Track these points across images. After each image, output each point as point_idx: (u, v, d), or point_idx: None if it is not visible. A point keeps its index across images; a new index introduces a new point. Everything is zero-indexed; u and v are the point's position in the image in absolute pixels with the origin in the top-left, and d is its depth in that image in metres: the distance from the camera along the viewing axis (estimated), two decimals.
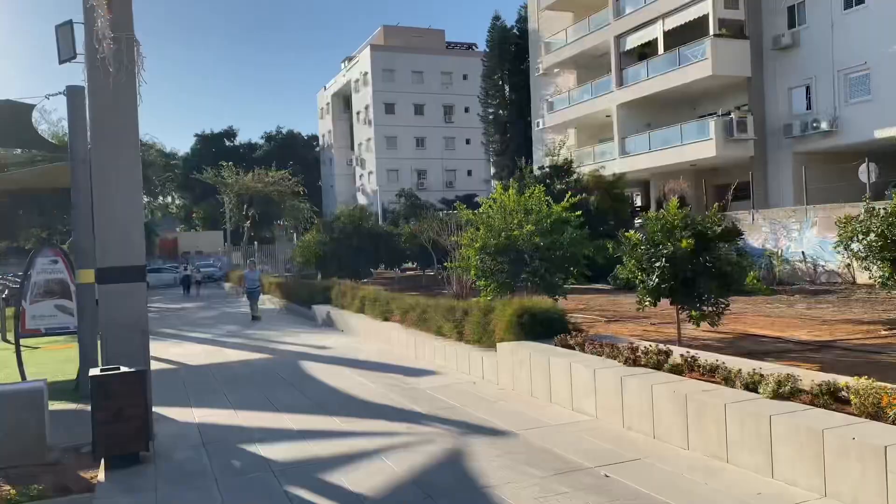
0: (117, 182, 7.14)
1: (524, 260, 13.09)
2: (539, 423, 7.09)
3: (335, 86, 79.09)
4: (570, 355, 7.95)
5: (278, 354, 13.20)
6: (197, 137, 79.15)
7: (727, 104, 31.61)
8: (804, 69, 28.48)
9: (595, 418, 7.09)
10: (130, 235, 7.23)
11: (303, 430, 7.41)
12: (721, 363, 6.74)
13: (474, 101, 65.67)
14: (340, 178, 77.61)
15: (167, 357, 13.63)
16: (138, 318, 7.29)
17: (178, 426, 7.92)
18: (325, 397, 9.01)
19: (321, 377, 10.53)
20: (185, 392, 9.95)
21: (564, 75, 42.91)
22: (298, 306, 20.98)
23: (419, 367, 10.96)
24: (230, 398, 9.30)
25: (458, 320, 11.04)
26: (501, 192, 14.40)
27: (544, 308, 9.36)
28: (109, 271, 7.13)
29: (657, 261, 9.73)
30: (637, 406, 6.51)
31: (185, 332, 18.10)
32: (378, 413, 7.94)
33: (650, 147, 33.56)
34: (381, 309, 14.60)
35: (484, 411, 7.71)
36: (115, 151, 7.14)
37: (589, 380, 7.19)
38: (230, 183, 42.31)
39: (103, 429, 6.23)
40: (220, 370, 11.78)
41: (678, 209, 10.05)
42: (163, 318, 23.15)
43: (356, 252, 27.05)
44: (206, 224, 72.52)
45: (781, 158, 29.69)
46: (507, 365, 8.86)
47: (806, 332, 11.91)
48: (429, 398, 8.56)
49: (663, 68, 32.72)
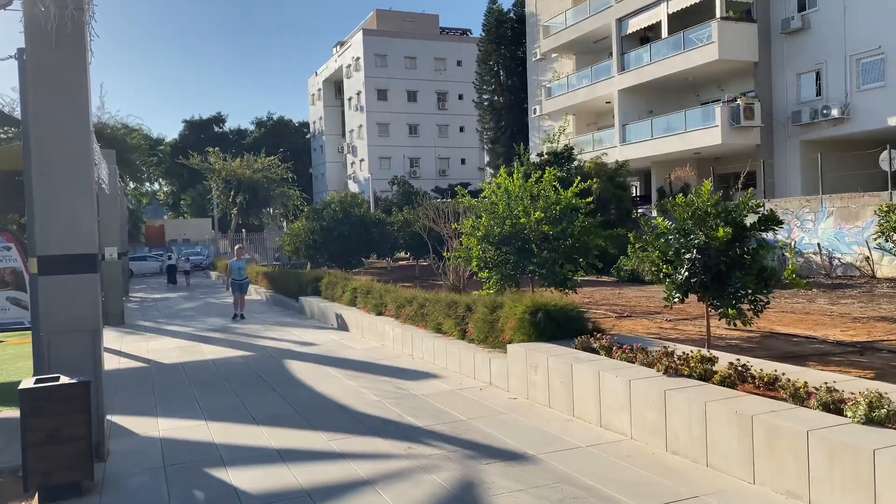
0: (62, 153, 5.96)
1: (531, 250, 11.98)
2: (562, 444, 5.99)
3: (326, 71, 77.59)
4: (595, 361, 6.85)
5: (261, 352, 12.05)
6: (185, 123, 77.68)
7: (732, 91, 30.57)
8: (814, 54, 27.42)
9: (629, 438, 5.99)
10: (78, 218, 6.05)
11: (283, 448, 6.27)
12: (780, 373, 5.66)
13: (468, 87, 64.45)
14: (331, 165, 76.29)
15: (139, 354, 12.47)
16: (88, 317, 6.13)
17: (139, 441, 6.78)
18: (311, 406, 7.88)
19: (307, 380, 9.39)
20: (152, 397, 8.80)
21: (562, 60, 41.75)
22: (286, 298, 19.81)
23: (417, 368, 9.84)
24: (202, 405, 8.16)
25: (461, 317, 9.92)
26: (506, 177, 13.29)
27: (561, 305, 8.24)
28: (52, 260, 5.96)
29: (687, 252, 8.64)
30: (685, 427, 5.42)
31: (164, 325, 16.92)
32: (372, 428, 6.81)
33: (652, 134, 32.49)
34: (374, 302, 13.47)
35: (495, 427, 6.60)
36: (59, 115, 5.96)
37: (622, 392, 6.09)
38: (217, 168, 40.92)
39: (35, 453, 5.08)
40: (196, 370, 10.62)
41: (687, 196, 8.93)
42: (143, 309, 21.93)
43: (347, 240, 25.86)
44: (194, 211, 71.08)
45: (789, 147, 28.68)
46: (519, 370, 7.76)
47: (839, 330, 10.88)
48: (430, 409, 7.44)
49: (667, 52, 31.61)
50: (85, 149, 5.99)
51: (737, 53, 29.05)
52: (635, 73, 33.50)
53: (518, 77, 45.76)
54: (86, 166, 6.01)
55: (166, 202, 78.97)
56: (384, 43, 67.86)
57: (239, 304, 17.20)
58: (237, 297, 17.26)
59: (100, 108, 34.47)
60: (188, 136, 74.79)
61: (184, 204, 74.31)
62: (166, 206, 79.85)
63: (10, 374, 10.77)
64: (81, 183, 6.03)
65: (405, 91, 68.94)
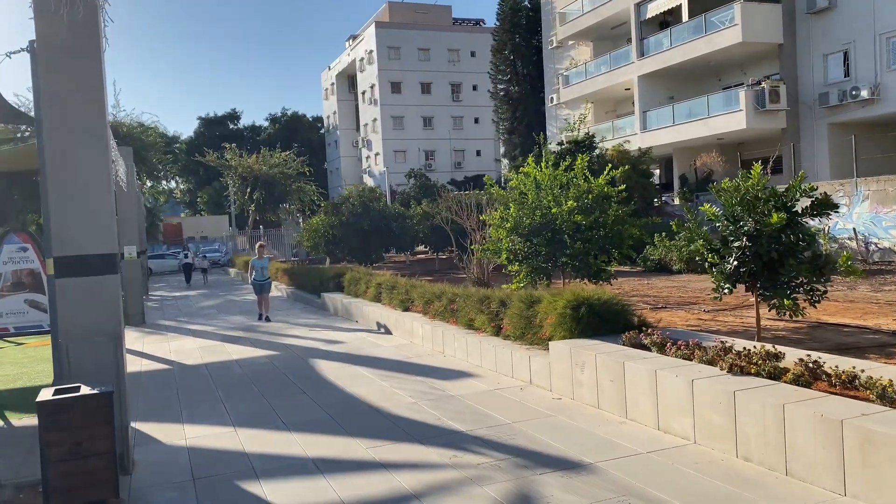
0: (77, 144, 5.56)
1: (563, 241, 11.50)
2: (620, 450, 5.54)
3: (340, 65, 77.20)
4: (649, 359, 6.38)
5: (286, 351, 11.68)
6: (200, 121, 77.64)
7: (755, 74, 29.78)
8: (842, 34, 26.62)
9: (693, 443, 5.53)
10: (96, 215, 5.66)
11: (319, 458, 5.87)
12: (859, 371, 5.19)
13: (482, 78, 63.80)
14: (346, 160, 75.97)
15: (161, 355, 12.15)
16: (109, 321, 5.75)
17: (165, 451, 6.41)
18: (343, 409, 7.48)
19: (336, 380, 9.00)
20: (176, 401, 8.44)
21: (580, 48, 41.04)
22: (307, 294, 19.46)
23: (450, 367, 9.41)
24: (229, 410, 7.79)
25: (495, 312, 9.48)
26: (534, 166, 12.81)
27: (605, 298, 7.78)
28: (69, 262, 5.58)
29: (736, 239, 8.14)
30: (758, 431, 4.95)
31: (185, 324, 16.61)
32: (410, 433, 6.39)
33: (674, 121, 31.80)
34: (400, 297, 13.05)
35: (544, 431, 6.15)
36: (73, 104, 5.56)
37: (684, 393, 5.62)
38: (233, 165, 40.61)
39: (56, 470, 4.71)
40: (220, 371, 10.26)
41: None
42: (162, 307, 21.68)
43: (367, 235, 25.45)
44: (211, 209, 71.06)
45: (816, 130, 27.91)
46: (562, 368, 7.31)
47: (891, 319, 10.34)
48: (470, 411, 7.01)
49: (688, 36, 30.89)
50: (101, 140, 5.59)
51: (761, 35, 28.30)
52: (655, 59, 32.79)
53: (534, 66, 45.09)
54: (103, 159, 5.61)
55: (183, 200, 79.03)
56: (397, 35, 67.32)
57: (263, 305, 16.32)
58: (261, 298, 16.36)
59: (115, 107, 34.18)
60: (203, 133, 74.73)
61: (200, 201, 74.31)
62: (183, 203, 79.92)
63: (32, 378, 10.48)
64: (99, 177, 5.63)
65: (419, 83, 68.41)
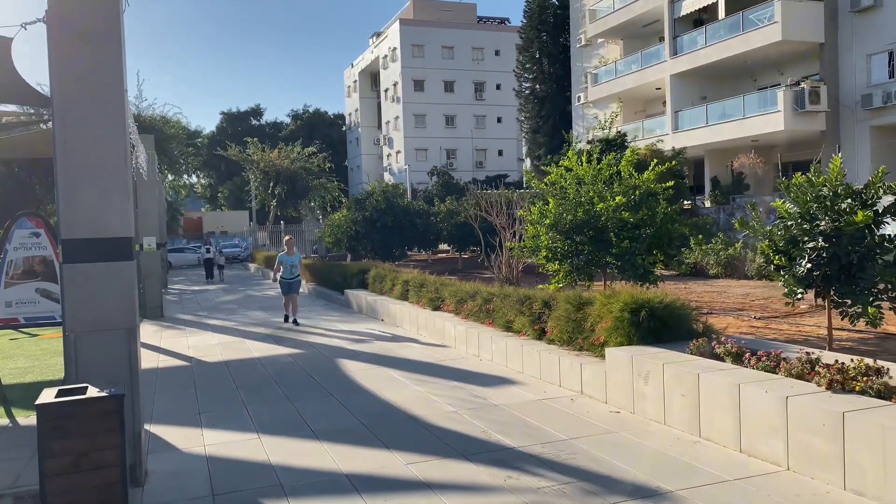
0: (90, 114, 4.94)
1: (608, 240, 10.77)
2: (702, 476, 4.81)
3: (363, 63, 76.77)
4: (728, 371, 5.65)
5: (310, 349, 11.04)
6: (222, 115, 77.51)
7: (793, 74, 28.80)
8: (887, 33, 25.62)
9: (786, 469, 4.80)
10: (110, 194, 5.03)
11: (354, 473, 5.20)
12: None
13: (506, 77, 63.01)
14: (367, 157, 75.53)
15: (180, 350, 11.55)
16: (122, 314, 5.12)
17: (182, 459, 5.77)
18: (376, 416, 6.81)
19: (366, 383, 8.33)
20: (195, 402, 7.82)
21: (609, 46, 40.20)
22: (330, 291, 18.85)
23: (489, 372, 8.71)
24: (252, 413, 7.14)
25: (537, 314, 8.77)
26: (575, 159, 12.10)
27: (667, 302, 7.04)
28: (78, 245, 4.95)
29: (811, 240, 7.38)
30: (876, 461, 4.20)
31: (204, 319, 16.05)
32: (455, 448, 5.70)
33: (707, 121, 30.90)
34: (429, 296, 12.37)
35: (608, 450, 5.44)
36: (87, 69, 4.94)
37: (775, 411, 4.89)
38: (255, 160, 40.21)
39: (55, 485, 4.07)
40: (241, 369, 9.64)
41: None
42: (181, 301, 21.18)
43: (390, 231, 24.82)
44: (232, 204, 70.87)
45: (858, 133, 26.90)
46: (621, 378, 6.58)
47: None
48: (518, 423, 6.31)
49: (723, 34, 29.98)
50: (118, 109, 4.95)
51: (801, 34, 27.35)
52: (689, 57, 31.90)
53: (560, 65, 44.29)
54: (119, 131, 4.97)
55: (204, 195, 78.96)
56: (421, 33, 66.78)
57: (291, 306, 14.45)
58: (288, 298, 14.49)
59: (137, 97, 33.83)
60: (225, 128, 74.59)
61: (221, 196, 74.19)
62: (204, 198, 79.84)
63: (44, 371, 9.94)
64: (114, 150, 5.00)
65: (442, 81, 67.84)
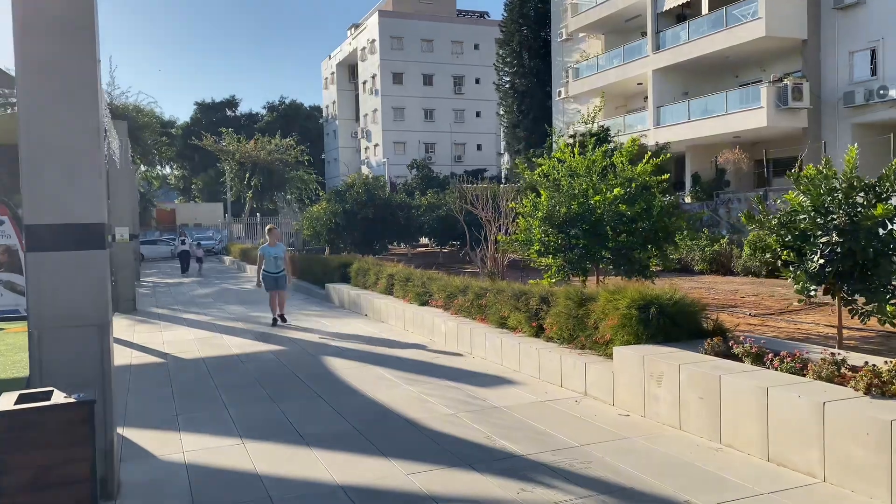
0: (56, 81, 4.41)
1: (604, 234, 10.40)
2: (731, 488, 4.43)
3: (341, 54, 75.95)
4: (750, 373, 5.28)
5: (293, 346, 10.54)
6: (197, 106, 76.21)
7: (775, 71, 28.77)
8: (870, 30, 25.62)
9: (822, 481, 4.43)
10: (80, 177, 4.52)
11: (349, 485, 4.75)
12: None
13: (485, 71, 62.63)
14: (344, 150, 74.80)
15: (154, 346, 10.98)
16: (94, 307, 4.61)
17: (158, 468, 5.27)
18: (369, 419, 6.35)
19: (355, 383, 7.87)
20: (171, 403, 7.30)
21: (590, 41, 39.95)
22: (309, 284, 18.31)
23: (483, 371, 8.29)
24: (234, 416, 6.65)
25: (534, 310, 8.38)
26: (567, 151, 11.72)
27: (676, 298, 6.68)
28: (44, 232, 4.42)
29: (825, 234, 7.06)
30: None
31: (179, 313, 15.44)
32: (458, 454, 5.27)
33: (689, 117, 30.79)
34: (416, 291, 11.92)
35: (624, 458, 5.04)
36: (53, 28, 4.41)
37: (809, 418, 4.53)
38: (231, 150, 39.38)
39: (16, 502, 3.59)
40: (221, 368, 9.12)
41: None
42: (155, 294, 20.49)
43: (371, 224, 24.30)
44: (206, 196, 69.71)
45: (839, 130, 26.90)
46: (630, 379, 6.20)
47: None
48: (523, 427, 5.89)
49: (707, 30, 29.87)
50: (89, 76, 4.43)
51: (785, 30, 27.29)
52: (671, 53, 31.75)
53: (541, 59, 44.01)
54: (90, 102, 4.45)
55: (177, 186, 77.63)
56: (400, 25, 66.21)
57: (278, 303, 12.86)
58: (274, 295, 12.84)
59: (110, 84, 32.83)
60: (200, 119, 73.32)
61: (195, 188, 72.96)
62: (177, 190, 78.48)
63: (7, 369, 9.30)
64: (83, 126, 4.48)
65: (421, 74, 67.36)
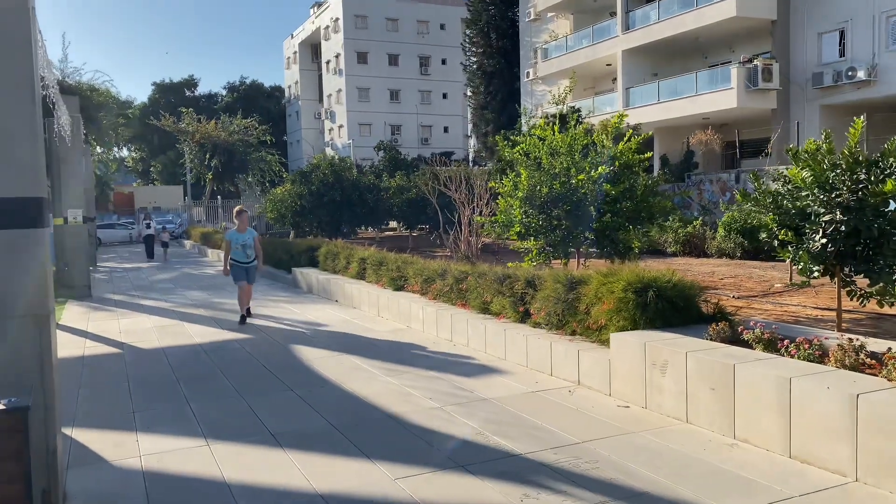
0: None
1: (588, 214, 9.98)
2: (757, 491, 4.01)
3: (303, 33, 74.38)
4: (766, 361, 4.88)
5: (260, 334, 9.92)
6: (155, 86, 73.98)
7: (744, 52, 28.66)
8: (838, 12, 25.59)
9: (854, 480, 4.05)
10: (13, 143, 3.89)
11: (329, 493, 4.23)
12: None
13: (452, 52, 61.89)
14: (308, 132, 73.46)
15: (110, 336, 10.27)
16: (33, 295, 4.00)
17: (112, 476, 4.68)
18: (347, 414, 5.83)
19: (329, 374, 7.33)
20: (128, 398, 6.67)
21: (559, 21, 39.49)
22: (274, 269, 17.62)
23: (467, 359, 7.81)
24: (197, 413, 6.06)
25: (519, 294, 7.91)
26: (546, 127, 11.26)
27: (675, 281, 6.26)
28: None
29: (828, 213, 6.70)
30: None
31: (138, 300, 14.67)
32: (449, 455, 4.78)
33: (659, 98, 30.58)
34: (391, 275, 11.38)
35: (632, 456, 4.61)
36: None
37: (839, 411, 4.13)
38: (191, 131, 38.15)
39: None
40: (182, 358, 8.49)
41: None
42: (112, 280, 19.60)
43: (338, 207, 23.61)
44: (165, 178, 67.88)
45: (808, 111, 26.91)
46: (630, 368, 5.77)
47: None
48: (517, 422, 5.43)
49: (677, 10, 29.63)
50: (21, 25, 3.78)
51: (755, 10, 27.15)
52: (641, 33, 31.46)
53: (509, 39, 43.46)
54: (22, 53, 3.80)
55: (135, 169, 75.41)
56: (365, 3, 65.05)
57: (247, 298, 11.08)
58: (243, 288, 10.93)
59: (62, 61, 31.35)
60: (158, 99, 71.12)
61: (154, 171, 71.04)
62: (135, 172, 76.27)
63: None
64: (20, 97, 3.83)
65: (386, 55, 66.32)
